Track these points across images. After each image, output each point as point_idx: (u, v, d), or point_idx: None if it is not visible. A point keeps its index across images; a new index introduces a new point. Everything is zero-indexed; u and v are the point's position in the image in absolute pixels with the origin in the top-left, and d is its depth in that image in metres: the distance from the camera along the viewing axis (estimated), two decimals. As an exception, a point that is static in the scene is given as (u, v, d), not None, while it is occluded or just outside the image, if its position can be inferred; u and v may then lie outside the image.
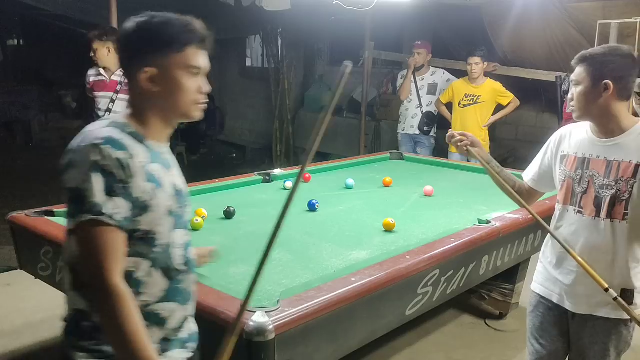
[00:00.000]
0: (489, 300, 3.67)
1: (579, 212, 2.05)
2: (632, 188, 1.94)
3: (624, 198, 1.95)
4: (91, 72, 4.30)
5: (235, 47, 10.02)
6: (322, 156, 7.11)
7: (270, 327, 1.65)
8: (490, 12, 5.97)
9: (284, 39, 8.86)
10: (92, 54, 4.15)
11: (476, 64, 5.14)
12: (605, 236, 1.99)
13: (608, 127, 1.99)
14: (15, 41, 11.76)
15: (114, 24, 4.48)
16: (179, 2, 6.48)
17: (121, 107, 4.19)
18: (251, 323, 1.64)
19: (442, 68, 5.84)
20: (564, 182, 2.09)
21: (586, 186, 2.03)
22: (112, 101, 4.22)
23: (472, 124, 5.23)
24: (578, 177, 2.05)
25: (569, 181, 2.08)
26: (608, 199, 1.97)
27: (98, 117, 4.21)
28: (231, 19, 6.97)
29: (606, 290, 1.90)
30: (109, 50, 4.13)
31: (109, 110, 4.21)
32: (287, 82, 8.62)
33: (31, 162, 8.93)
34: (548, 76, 5.80)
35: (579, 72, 1.99)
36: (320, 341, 1.90)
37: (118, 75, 4.21)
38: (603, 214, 1.98)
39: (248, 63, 10.34)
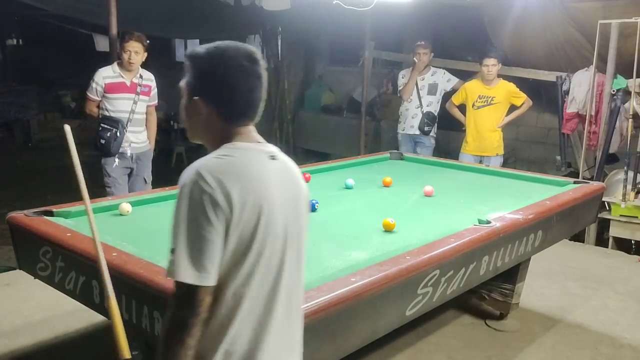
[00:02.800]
0: (489, 300, 3.66)
1: None
2: None
3: None
4: (106, 72, 4.16)
5: (235, 47, 10.02)
6: (322, 156, 7.10)
7: (270, 327, 1.63)
8: (490, 12, 5.98)
9: (283, 39, 8.86)
10: (127, 54, 4.08)
11: (493, 65, 5.11)
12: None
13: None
14: (15, 41, 11.75)
15: (114, 24, 4.47)
16: (179, 2, 6.51)
17: (142, 108, 4.28)
18: (251, 323, 1.63)
19: (443, 68, 5.84)
20: None
21: None
22: (135, 102, 4.22)
23: (486, 126, 5.22)
24: None
25: None
26: None
27: (111, 120, 4.14)
28: (231, 19, 6.97)
29: None
30: (142, 52, 4.15)
31: (132, 111, 4.21)
32: (287, 82, 8.62)
33: (30, 162, 8.93)
34: (548, 76, 5.80)
35: None
36: (320, 341, 1.89)
37: (137, 78, 4.23)
38: None
39: (248, 63, 10.33)
